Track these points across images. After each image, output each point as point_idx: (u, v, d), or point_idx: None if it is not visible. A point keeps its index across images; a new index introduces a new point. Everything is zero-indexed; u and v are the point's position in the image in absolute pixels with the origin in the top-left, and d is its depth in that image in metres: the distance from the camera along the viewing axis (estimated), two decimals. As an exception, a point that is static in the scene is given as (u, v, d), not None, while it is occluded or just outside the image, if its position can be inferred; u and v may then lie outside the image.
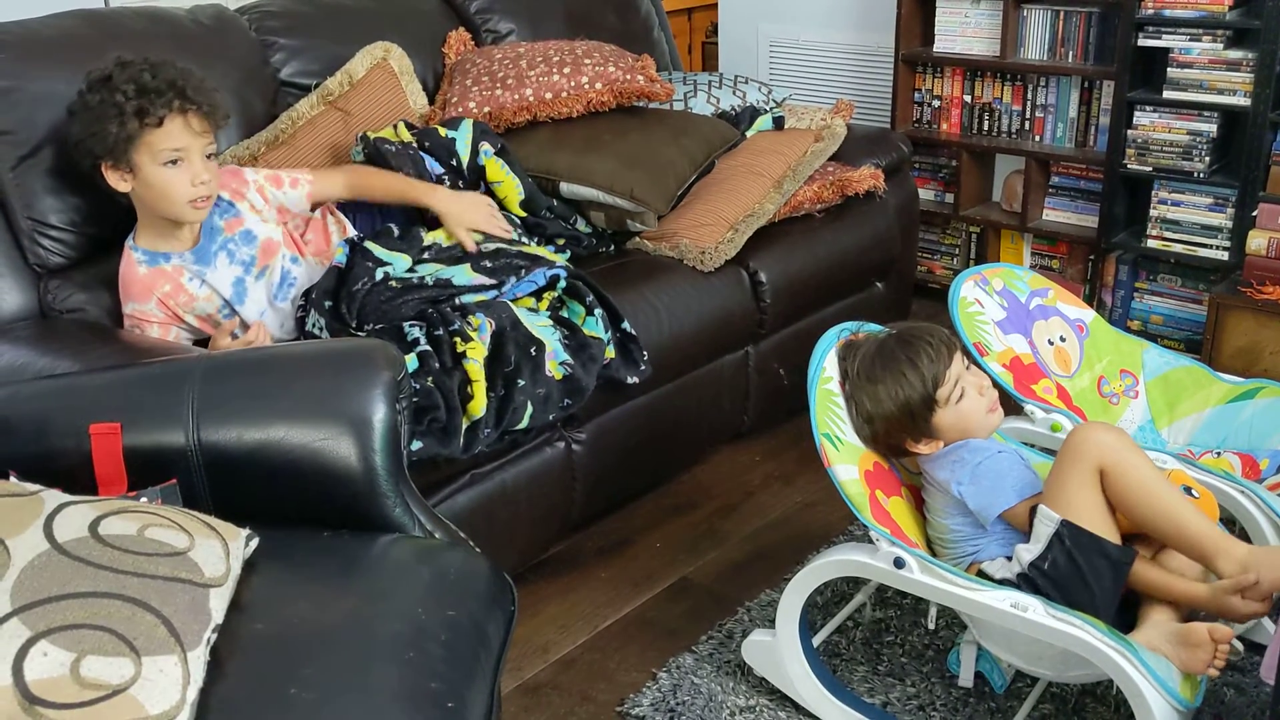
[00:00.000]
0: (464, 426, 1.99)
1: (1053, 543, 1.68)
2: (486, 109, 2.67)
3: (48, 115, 2.14)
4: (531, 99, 2.68)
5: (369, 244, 2.22)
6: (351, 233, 2.32)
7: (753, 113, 3.10)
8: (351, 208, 2.39)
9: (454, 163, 2.50)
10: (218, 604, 1.21)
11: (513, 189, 2.53)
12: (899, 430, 1.83)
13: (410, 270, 2.21)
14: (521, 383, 2.06)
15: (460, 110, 2.69)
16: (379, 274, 2.16)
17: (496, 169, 2.52)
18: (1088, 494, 1.71)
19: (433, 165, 2.49)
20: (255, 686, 1.19)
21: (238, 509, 1.42)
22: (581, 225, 2.67)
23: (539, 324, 2.15)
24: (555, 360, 2.12)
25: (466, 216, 2.34)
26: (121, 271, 2.10)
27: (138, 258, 2.09)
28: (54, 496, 1.24)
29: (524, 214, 2.55)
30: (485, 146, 2.52)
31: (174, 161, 1.99)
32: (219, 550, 1.27)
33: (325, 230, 2.31)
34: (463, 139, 2.51)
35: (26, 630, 1.05)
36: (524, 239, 2.45)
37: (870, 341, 1.87)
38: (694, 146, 2.75)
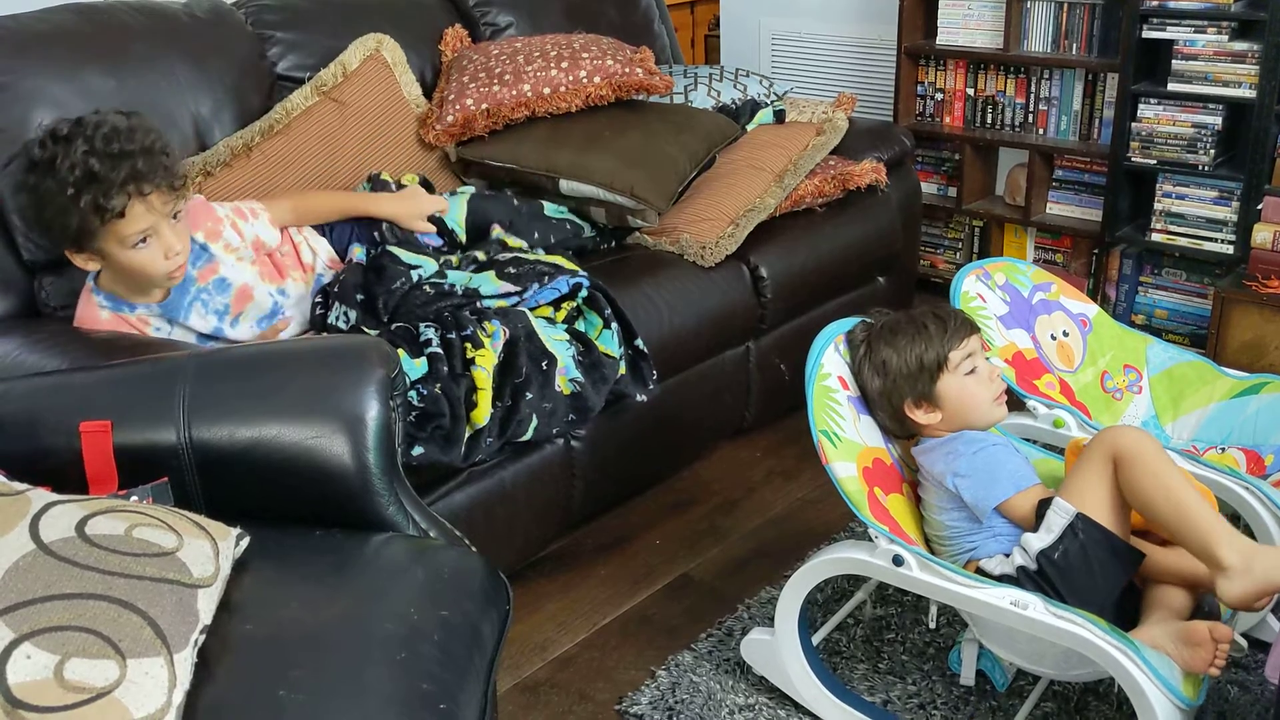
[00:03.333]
0: (466, 435, 1.98)
1: (1066, 533, 1.67)
2: (484, 106, 2.65)
3: (40, 112, 2.12)
4: (529, 94, 2.66)
5: (394, 249, 2.22)
6: (324, 254, 2.29)
7: (753, 106, 3.08)
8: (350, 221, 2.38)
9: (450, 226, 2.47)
10: (206, 605, 1.19)
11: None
12: (906, 385, 1.82)
13: (440, 275, 2.20)
14: (529, 395, 2.05)
15: (458, 108, 2.67)
16: (414, 275, 2.17)
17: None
18: (1099, 488, 1.70)
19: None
20: (244, 689, 1.17)
21: (230, 507, 1.41)
22: (587, 230, 2.64)
23: (554, 337, 2.14)
24: (565, 376, 2.12)
25: (416, 208, 2.39)
26: (79, 312, 2.00)
27: (99, 301, 1.98)
28: (41, 496, 1.22)
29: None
30: (496, 230, 2.47)
31: (143, 240, 1.87)
32: (208, 550, 1.25)
33: (297, 252, 2.27)
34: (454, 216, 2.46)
35: (10, 632, 1.04)
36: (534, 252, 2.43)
37: (899, 312, 1.92)
38: (694, 142, 2.73)
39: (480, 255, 2.30)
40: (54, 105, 2.14)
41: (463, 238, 2.45)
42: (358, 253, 2.23)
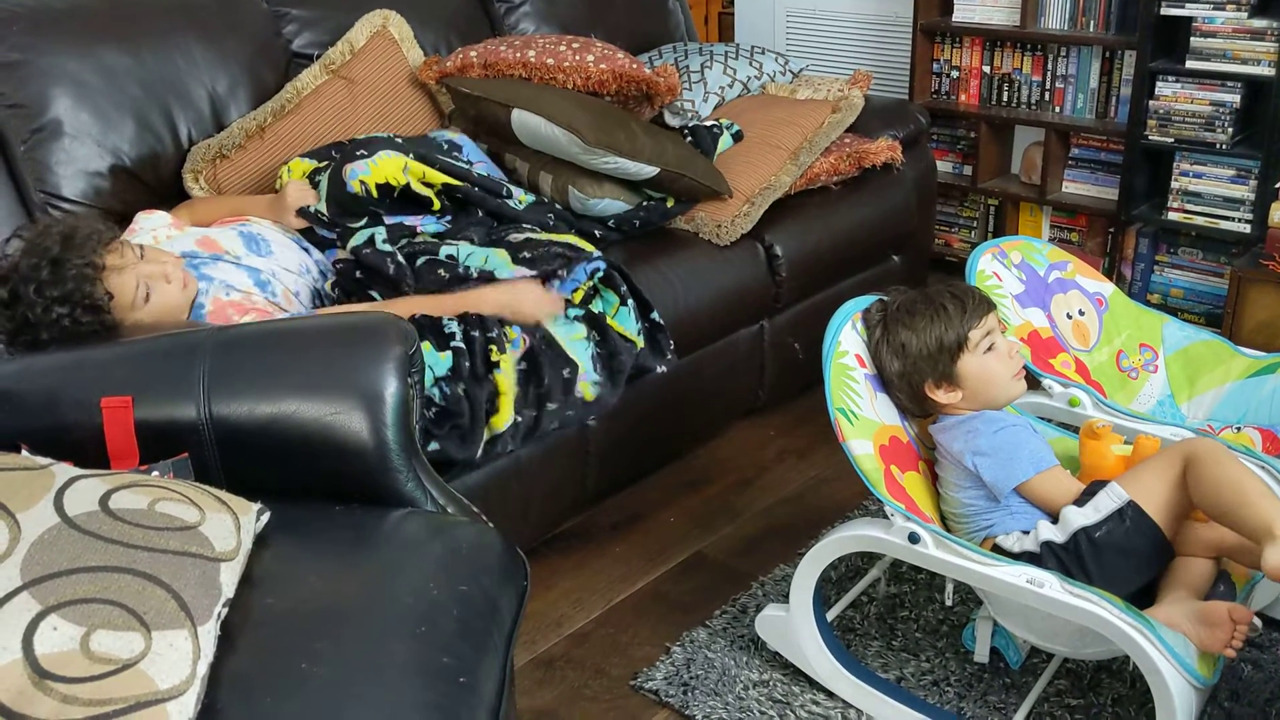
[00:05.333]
0: (485, 438, 1.99)
1: (1113, 516, 1.69)
2: (485, 60, 2.67)
3: (60, 89, 2.13)
4: (532, 59, 2.67)
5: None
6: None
7: (711, 134, 2.84)
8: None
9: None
10: (228, 578, 1.21)
11: (397, 169, 2.29)
12: (926, 366, 1.82)
13: (451, 242, 2.21)
14: (552, 406, 2.07)
15: (461, 56, 2.68)
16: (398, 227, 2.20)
17: (384, 170, 2.27)
18: (1159, 486, 1.70)
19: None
20: (266, 661, 1.18)
21: (249, 483, 1.42)
22: (522, 195, 2.48)
23: (572, 337, 2.14)
24: (587, 381, 2.12)
25: (283, 204, 2.25)
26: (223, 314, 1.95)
27: (204, 315, 1.93)
28: (65, 470, 1.23)
29: (439, 179, 2.34)
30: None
31: (145, 296, 1.80)
32: (230, 524, 1.26)
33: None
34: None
35: (36, 604, 1.05)
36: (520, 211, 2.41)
37: (914, 291, 1.90)
38: (673, 150, 2.57)
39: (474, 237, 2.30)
40: (71, 82, 2.15)
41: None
42: (341, 254, 2.21)
